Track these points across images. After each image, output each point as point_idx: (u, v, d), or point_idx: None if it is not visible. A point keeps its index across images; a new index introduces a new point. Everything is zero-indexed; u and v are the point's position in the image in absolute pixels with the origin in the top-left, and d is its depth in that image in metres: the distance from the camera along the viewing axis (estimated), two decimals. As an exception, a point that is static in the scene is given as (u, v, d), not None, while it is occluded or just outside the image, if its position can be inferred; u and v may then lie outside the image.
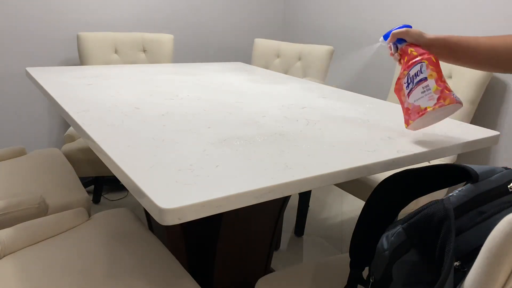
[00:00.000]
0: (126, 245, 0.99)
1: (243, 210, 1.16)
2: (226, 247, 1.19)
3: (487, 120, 1.83)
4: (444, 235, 0.60)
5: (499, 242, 0.51)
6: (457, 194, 0.65)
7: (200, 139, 0.88)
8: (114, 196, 2.25)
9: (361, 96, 1.43)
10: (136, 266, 0.92)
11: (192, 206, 0.61)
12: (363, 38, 2.36)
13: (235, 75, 1.70)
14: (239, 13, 2.71)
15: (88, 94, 1.22)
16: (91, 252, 0.95)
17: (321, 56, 2.09)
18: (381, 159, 0.83)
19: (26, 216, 1.11)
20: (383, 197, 0.81)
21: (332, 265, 1.00)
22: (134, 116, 1.03)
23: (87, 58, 2.04)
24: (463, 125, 1.12)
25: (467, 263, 0.61)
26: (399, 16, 2.14)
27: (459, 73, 1.74)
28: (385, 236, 0.69)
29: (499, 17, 1.73)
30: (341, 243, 1.92)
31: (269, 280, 0.94)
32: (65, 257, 0.92)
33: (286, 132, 0.97)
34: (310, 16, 2.69)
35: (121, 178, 0.73)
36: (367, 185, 1.53)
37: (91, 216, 1.12)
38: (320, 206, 2.26)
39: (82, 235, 1.02)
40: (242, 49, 2.79)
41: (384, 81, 2.28)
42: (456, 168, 0.72)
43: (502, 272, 0.52)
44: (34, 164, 1.42)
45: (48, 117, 2.27)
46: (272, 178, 0.71)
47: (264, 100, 1.28)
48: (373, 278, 0.73)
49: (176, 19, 2.50)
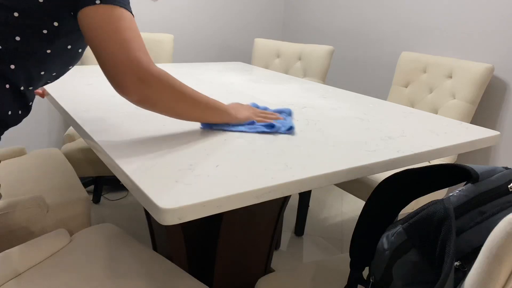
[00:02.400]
0: (116, 260, 0.95)
1: (243, 210, 1.16)
2: (226, 247, 1.19)
3: (487, 120, 1.83)
4: (444, 235, 0.60)
5: (500, 242, 0.51)
6: (457, 194, 0.65)
7: (200, 139, 0.88)
8: (114, 196, 2.24)
9: (361, 96, 1.43)
10: (132, 279, 0.92)
11: (192, 206, 0.61)
12: (363, 38, 2.36)
13: (235, 75, 1.70)
14: (239, 13, 2.71)
15: (88, 94, 1.22)
16: (82, 276, 0.88)
17: (321, 56, 2.09)
18: (381, 159, 0.83)
19: (26, 216, 1.11)
20: (383, 197, 0.81)
21: (332, 265, 1.00)
22: (134, 116, 1.03)
23: (87, 58, 2.04)
24: (463, 125, 1.12)
25: (468, 263, 0.61)
26: (399, 16, 2.14)
27: (459, 73, 1.74)
28: (385, 236, 0.69)
29: (499, 17, 1.73)
30: (341, 243, 1.92)
31: (269, 280, 0.94)
32: (56, 286, 0.85)
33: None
34: (310, 16, 2.69)
35: (121, 178, 0.72)
36: (367, 185, 1.53)
37: (73, 236, 1.04)
38: (320, 206, 2.26)
39: (67, 259, 0.93)
40: (242, 49, 2.79)
41: (384, 81, 2.28)
42: (456, 168, 0.72)
43: (502, 272, 0.52)
44: (34, 164, 1.42)
45: (48, 117, 2.27)
46: (272, 178, 0.71)
47: (264, 100, 1.28)
48: (373, 278, 0.73)
49: (176, 19, 2.49)
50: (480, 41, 1.81)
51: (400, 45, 2.16)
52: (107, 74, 0.78)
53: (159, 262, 0.95)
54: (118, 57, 0.75)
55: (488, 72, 1.66)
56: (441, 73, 1.82)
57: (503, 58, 1.74)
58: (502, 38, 1.73)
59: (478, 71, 1.67)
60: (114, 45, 0.75)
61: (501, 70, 1.75)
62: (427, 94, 1.87)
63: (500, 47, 1.74)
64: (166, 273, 0.91)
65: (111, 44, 0.75)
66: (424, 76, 1.89)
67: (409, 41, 2.11)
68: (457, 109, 1.72)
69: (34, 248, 0.93)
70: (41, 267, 0.91)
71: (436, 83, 1.84)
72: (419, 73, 1.92)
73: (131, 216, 2.05)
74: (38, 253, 0.93)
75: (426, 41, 2.03)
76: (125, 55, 0.75)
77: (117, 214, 2.05)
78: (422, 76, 1.90)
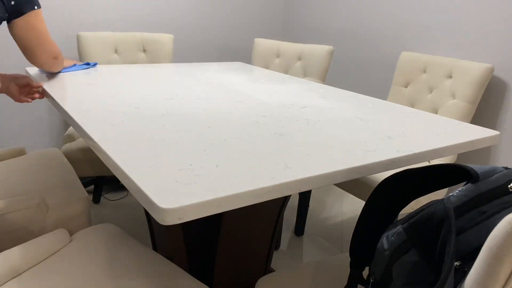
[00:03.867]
0: (116, 260, 0.95)
1: (243, 210, 1.16)
2: (226, 247, 1.19)
3: (487, 120, 1.83)
4: (444, 235, 0.60)
5: (500, 242, 0.51)
6: (457, 194, 0.65)
7: (200, 139, 0.88)
8: (114, 196, 2.24)
9: (361, 96, 1.43)
10: (132, 280, 0.92)
11: (192, 206, 0.61)
12: (363, 38, 2.36)
13: (235, 75, 1.70)
14: (239, 13, 2.71)
15: (88, 94, 1.22)
16: (82, 276, 0.88)
17: (321, 56, 2.09)
18: (381, 159, 0.83)
19: (26, 216, 1.11)
20: (383, 197, 0.81)
21: (332, 265, 1.00)
22: (134, 116, 1.03)
23: (87, 58, 2.04)
24: (463, 125, 1.12)
25: (468, 263, 0.61)
26: (399, 16, 2.14)
27: (459, 73, 1.74)
28: (385, 236, 0.69)
29: (499, 17, 1.73)
30: (341, 243, 1.92)
31: (269, 280, 0.94)
32: (56, 286, 0.85)
33: (286, 132, 0.97)
34: (310, 16, 2.69)
35: (121, 178, 0.72)
36: (367, 185, 1.53)
37: (73, 236, 1.04)
38: (320, 206, 2.26)
39: (67, 260, 0.93)
40: (242, 49, 2.79)
41: (384, 81, 2.28)
42: (456, 168, 0.72)
43: (502, 272, 0.52)
44: (34, 164, 1.42)
45: (48, 117, 2.27)
46: (272, 178, 0.71)
47: (264, 100, 1.28)
48: (373, 278, 0.73)
49: (176, 19, 2.49)
50: (480, 41, 1.81)
51: (400, 45, 2.16)
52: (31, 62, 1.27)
53: (159, 262, 0.95)
54: (42, 58, 1.26)
55: (488, 72, 1.66)
56: (441, 73, 1.82)
57: (503, 58, 1.74)
58: (502, 38, 1.73)
59: (478, 71, 1.67)
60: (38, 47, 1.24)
61: (501, 70, 1.75)
62: (427, 94, 1.87)
63: (500, 47, 1.74)
64: (166, 273, 0.91)
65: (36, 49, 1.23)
66: (424, 76, 1.89)
67: (409, 41, 2.11)
68: (457, 109, 1.72)
69: (34, 248, 0.93)
70: (41, 267, 0.91)
71: (436, 83, 1.84)
72: (419, 73, 1.92)
73: (131, 216, 2.05)
74: (38, 253, 0.93)
75: (426, 41, 2.03)
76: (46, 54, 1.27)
77: (117, 214, 2.05)
78: (422, 76, 1.90)
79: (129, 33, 2.15)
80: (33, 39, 1.20)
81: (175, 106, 1.15)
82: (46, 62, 1.29)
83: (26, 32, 1.17)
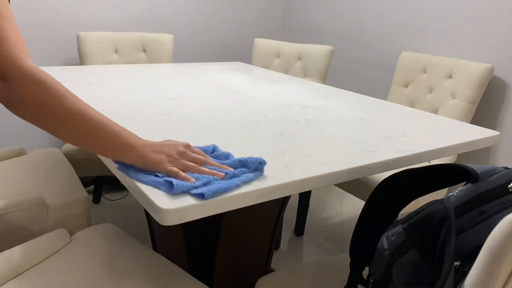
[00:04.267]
0: (115, 260, 0.94)
1: (243, 210, 1.16)
2: (226, 247, 1.19)
3: (487, 120, 1.83)
4: (444, 235, 0.60)
5: (500, 242, 0.51)
6: (457, 194, 0.65)
7: (200, 139, 0.88)
8: (114, 196, 2.24)
9: (361, 96, 1.43)
10: (134, 279, 0.92)
11: (192, 206, 0.61)
12: (363, 38, 2.36)
13: (235, 75, 1.70)
14: (239, 13, 2.71)
15: (88, 94, 1.22)
16: (82, 276, 0.88)
17: (321, 56, 2.09)
18: (381, 159, 0.83)
19: (26, 216, 1.11)
20: (383, 197, 0.81)
21: (332, 265, 1.00)
22: (134, 116, 1.03)
23: (87, 58, 2.04)
24: (463, 125, 1.12)
25: (468, 263, 0.61)
26: (399, 16, 2.14)
27: (459, 73, 1.74)
28: (385, 236, 0.69)
29: (499, 17, 1.73)
30: (341, 243, 1.92)
31: (269, 280, 0.94)
32: (56, 286, 0.84)
33: (286, 132, 0.97)
34: (310, 16, 2.69)
35: (121, 178, 0.72)
36: (367, 185, 1.53)
37: (73, 235, 1.03)
38: (320, 206, 2.26)
39: (67, 260, 0.92)
40: (242, 49, 2.79)
41: (384, 81, 2.28)
42: (456, 168, 0.72)
43: (502, 271, 0.52)
44: (34, 164, 1.42)
45: (48, 117, 2.26)
46: (272, 178, 0.71)
47: (264, 100, 1.28)
48: (373, 278, 0.73)
49: (176, 19, 2.49)
50: (480, 41, 1.81)
51: (400, 45, 2.16)
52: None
53: (159, 262, 0.95)
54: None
55: (488, 72, 1.66)
56: (441, 73, 1.82)
57: (503, 58, 1.74)
58: (502, 38, 1.73)
59: (478, 71, 1.67)
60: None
61: (501, 70, 1.75)
62: (427, 94, 1.87)
63: (500, 47, 1.74)
64: (166, 273, 0.91)
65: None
66: (424, 76, 1.89)
67: (409, 41, 2.11)
68: (457, 109, 1.72)
69: (34, 248, 0.93)
70: (41, 267, 0.90)
71: (436, 83, 1.84)
72: (419, 73, 1.92)
73: (131, 216, 2.05)
74: (38, 253, 0.92)
75: (426, 41, 2.03)
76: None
77: (117, 214, 2.05)
78: (422, 76, 1.90)
79: (129, 33, 2.15)
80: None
81: (175, 106, 1.15)
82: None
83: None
